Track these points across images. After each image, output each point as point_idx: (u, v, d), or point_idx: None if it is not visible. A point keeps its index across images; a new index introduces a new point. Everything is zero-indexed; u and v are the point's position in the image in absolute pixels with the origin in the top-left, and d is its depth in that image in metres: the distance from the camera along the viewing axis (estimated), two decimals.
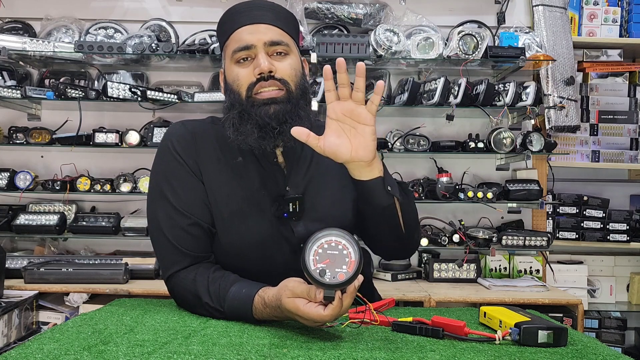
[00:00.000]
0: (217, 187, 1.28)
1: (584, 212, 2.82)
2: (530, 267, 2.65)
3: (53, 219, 2.49)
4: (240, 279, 1.21)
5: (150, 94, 2.44)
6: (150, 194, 1.30)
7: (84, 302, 2.25)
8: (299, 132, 1.13)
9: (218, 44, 1.39)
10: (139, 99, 2.44)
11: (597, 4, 2.82)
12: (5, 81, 2.61)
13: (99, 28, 2.66)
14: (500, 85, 2.57)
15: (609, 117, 2.85)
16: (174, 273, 1.25)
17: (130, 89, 2.44)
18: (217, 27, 1.34)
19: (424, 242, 2.52)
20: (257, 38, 1.23)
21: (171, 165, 1.28)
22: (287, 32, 1.29)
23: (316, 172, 1.35)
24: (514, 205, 2.72)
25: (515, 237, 2.50)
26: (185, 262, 1.25)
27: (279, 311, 1.08)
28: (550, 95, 2.64)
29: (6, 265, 2.21)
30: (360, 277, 1.03)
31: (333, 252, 1.00)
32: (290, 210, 1.28)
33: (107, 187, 2.52)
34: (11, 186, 2.52)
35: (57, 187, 2.50)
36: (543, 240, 2.49)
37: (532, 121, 2.67)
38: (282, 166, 1.33)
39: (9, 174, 2.53)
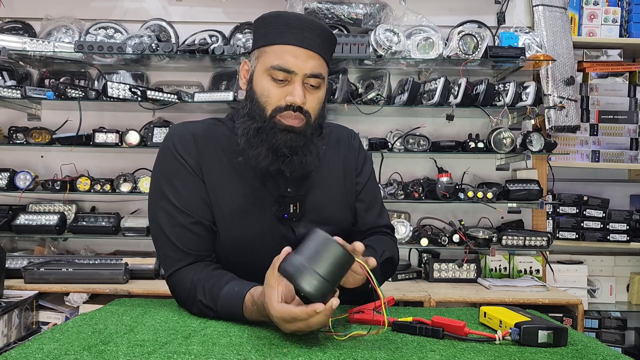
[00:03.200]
0: (218, 186, 1.29)
1: (584, 212, 2.82)
2: (530, 267, 2.65)
3: (53, 219, 2.49)
4: (236, 278, 1.21)
5: (150, 94, 2.44)
6: (152, 194, 1.31)
7: (84, 302, 2.25)
8: None
9: (252, 35, 1.32)
10: (139, 99, 2.44)
11: (597, 4, 2.82)
12: (5, 81, 2.61)
13: (99, 28, 2.66)
14: (500, 85, 2.56)
15: (609, 117, 2.85)
16: (174, 271, 1.26)
17: (130, 89, 2.44)
18: (259, 22, 1.30)
19: (424, 242, 2.52)
20: (300, 66, 1.23)
21: (172, 165, 1.29)
22: (327, 60, 1.30)
23: (319, 174, 1.36)
24: (514, 205, 2.72)
25: (515, 237, 2.49)
26: (186, 261, 1.25)
27: (262, 308, 1.06)
28: (550, 95, 2.64)
29: (6, 265, 2.21)
30: (336, 301, 0.97)
31: None
32: (291, 211, 1.29)
33: (107, 187, 2.52)
34: (11, 186, 2.52)
35: (57, 187, 2.50)
36: (543, 240, 2.49)
37: (532, 121, 2.67)
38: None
39: (9, 174, 2.53)
